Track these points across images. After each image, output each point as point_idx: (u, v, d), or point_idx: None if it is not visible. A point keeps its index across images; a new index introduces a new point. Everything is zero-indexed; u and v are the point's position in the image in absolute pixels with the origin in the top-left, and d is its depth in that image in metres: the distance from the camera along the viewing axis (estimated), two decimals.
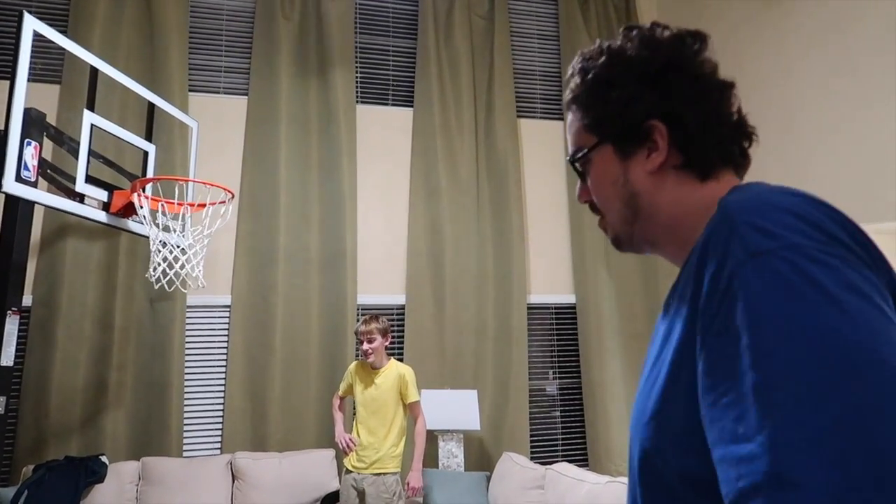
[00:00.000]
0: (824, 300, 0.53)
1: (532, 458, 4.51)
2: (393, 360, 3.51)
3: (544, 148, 5.21)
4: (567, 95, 0.85)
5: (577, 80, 0.83)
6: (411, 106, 4.98)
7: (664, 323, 0.73)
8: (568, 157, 0.85)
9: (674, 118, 0.75)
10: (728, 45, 4.65)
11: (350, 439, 3.39)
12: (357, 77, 4.92)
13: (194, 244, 3.62)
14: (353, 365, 3.57)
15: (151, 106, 3.85)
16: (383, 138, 4.89)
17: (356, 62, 4.94)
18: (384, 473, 3.33)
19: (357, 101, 4.86)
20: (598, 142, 0.81)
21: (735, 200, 0.64)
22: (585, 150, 0.82)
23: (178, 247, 3.60)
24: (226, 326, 4.37)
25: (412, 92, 5.00)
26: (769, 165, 4.19)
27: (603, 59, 0.80)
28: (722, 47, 4.72)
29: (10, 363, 3.03)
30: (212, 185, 3.41)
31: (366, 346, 3.38)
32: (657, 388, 0.67)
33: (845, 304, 0.53)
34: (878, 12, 3.53)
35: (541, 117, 5.31)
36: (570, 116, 0.85)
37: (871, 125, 3.55)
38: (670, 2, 5.46)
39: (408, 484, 3.38)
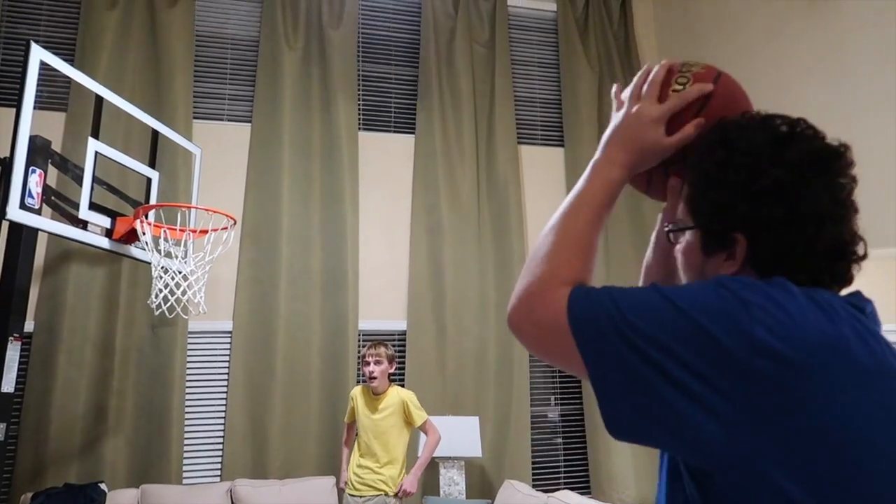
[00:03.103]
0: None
1: (534, 486, 4.46)
2: (394, 386, 3.51)
3: (545, 174, 5.24)
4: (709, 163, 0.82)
5: (722, 153, 0.80)
6: (413, 133, 5.02)
7: None
8: (668, 227, 0.90)
9: (756, 239, 0.77)
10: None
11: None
12: (359, 104, 4.98)
13: (196, 270, 3.63)
14: (355, 389, 3.59)
15: (155, 133, 3.89)
16: (385, 165, 4.93)
17: (359, 90, 4.99)
18: (386, 494, 3.33)
19: (359, 128, 4.90)
20: (692, 226, 0.84)
21: None
22: (683, 227, 0.86)
23: (180, 273, 3.61)
24: (227, 352, 4.36)
25: (414, 119, 5.05)
26: None
27: (720, 153, 0.80)
28: None
29: (11, 390, 3.02)
30: (214, 211, 3.43)
31: (372, 366, 3.39)
32: None
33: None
34: (877, 35, 3.57)
35: (541, 144, 5.35)
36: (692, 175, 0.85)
37: (871, 149, 3.57)
38: (668, 32, 5.53)
39: (401, 486, 3.36)
